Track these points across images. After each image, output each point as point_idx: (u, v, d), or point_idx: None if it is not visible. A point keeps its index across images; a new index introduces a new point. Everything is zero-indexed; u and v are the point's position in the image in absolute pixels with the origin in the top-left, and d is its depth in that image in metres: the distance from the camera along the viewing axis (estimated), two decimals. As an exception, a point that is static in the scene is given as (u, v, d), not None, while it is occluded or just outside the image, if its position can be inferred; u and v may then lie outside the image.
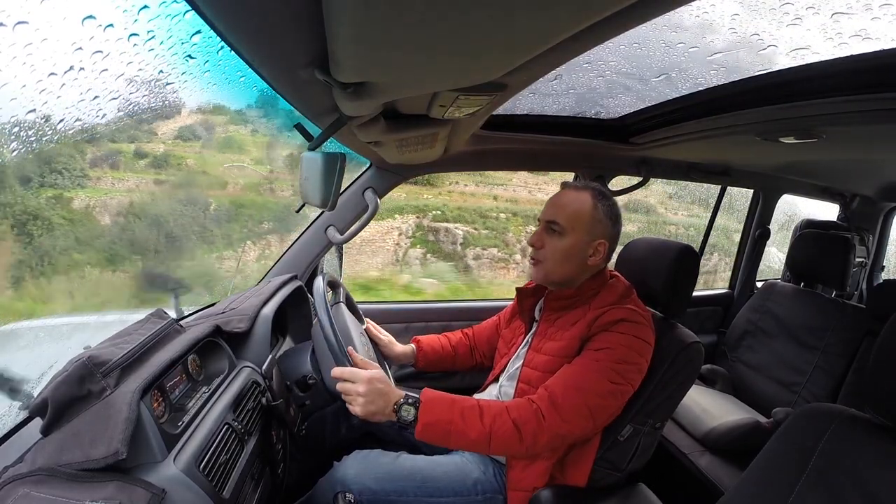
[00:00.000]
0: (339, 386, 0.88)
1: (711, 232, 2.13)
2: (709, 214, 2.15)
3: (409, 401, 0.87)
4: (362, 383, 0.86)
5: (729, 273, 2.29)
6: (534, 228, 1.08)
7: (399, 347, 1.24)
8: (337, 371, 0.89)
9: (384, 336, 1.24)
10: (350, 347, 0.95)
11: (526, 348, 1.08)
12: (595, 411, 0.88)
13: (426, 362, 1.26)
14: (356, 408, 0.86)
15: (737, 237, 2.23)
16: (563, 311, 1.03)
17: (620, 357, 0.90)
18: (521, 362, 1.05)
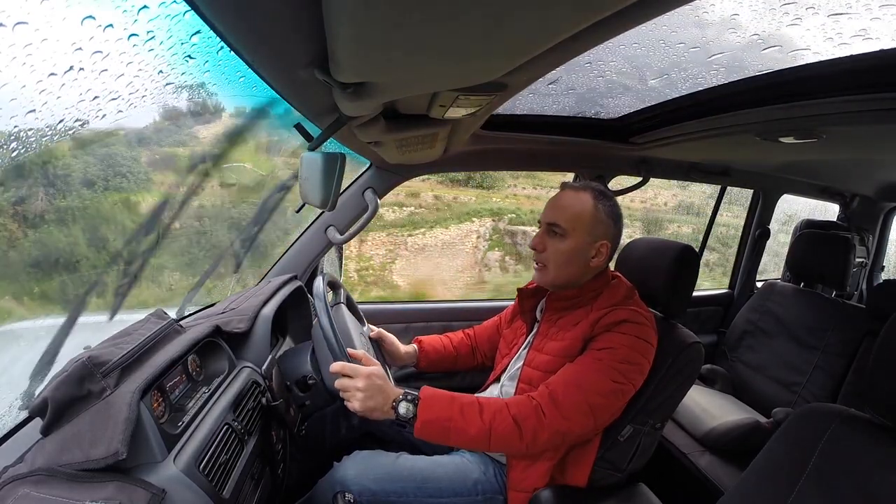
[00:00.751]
0: (338, 382, 0.88)
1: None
2: (746, 214, 2.14)
3: (408, 398, 0.86)
4: (361, 378, 0.85)
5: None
6: None
7: (403, 347, 1.23)
8: (336, 366, 0.88)
9: (388, 335, 1.23)
10: (350, 348, 0.94)
11: (527, 349, 1.08)
12: (596, 409, 0.88)
13: (428, 362, 1.26)
14: (355, 403, 0.85)
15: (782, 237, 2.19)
16: (565, 312, 1.03)
17: (623, 357, 0.90)
18: (522, 362, 1.05)
